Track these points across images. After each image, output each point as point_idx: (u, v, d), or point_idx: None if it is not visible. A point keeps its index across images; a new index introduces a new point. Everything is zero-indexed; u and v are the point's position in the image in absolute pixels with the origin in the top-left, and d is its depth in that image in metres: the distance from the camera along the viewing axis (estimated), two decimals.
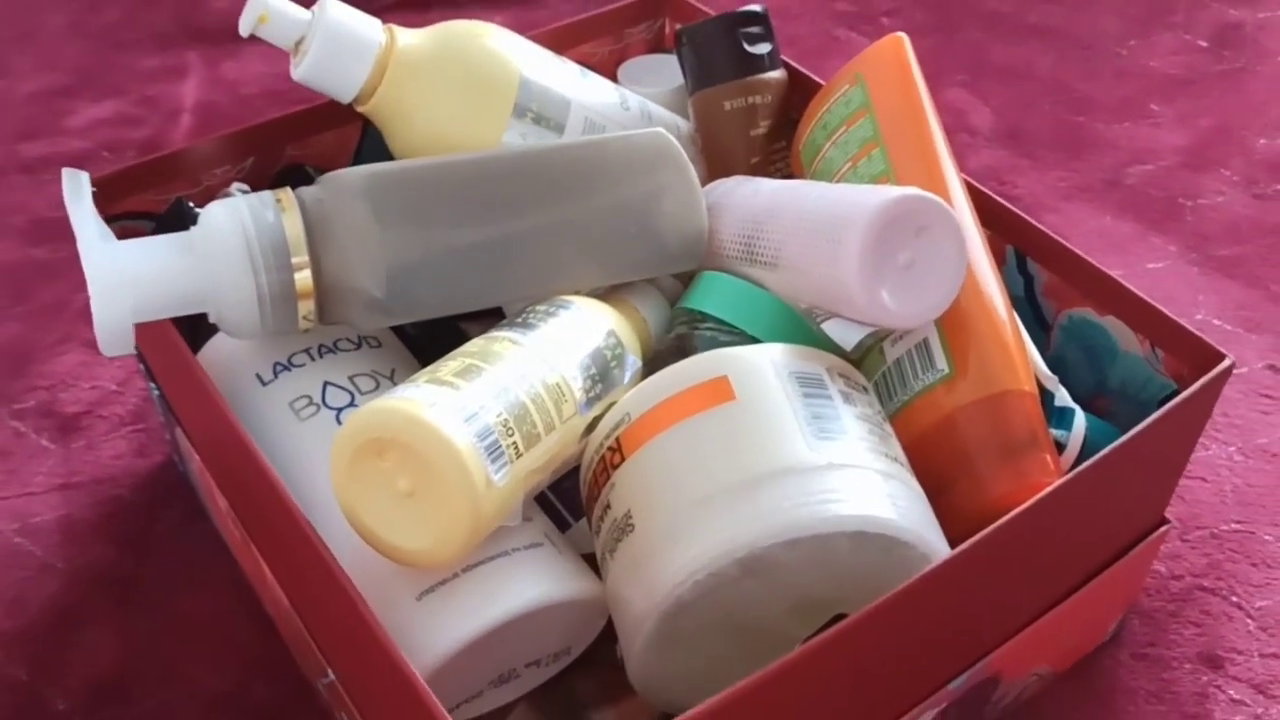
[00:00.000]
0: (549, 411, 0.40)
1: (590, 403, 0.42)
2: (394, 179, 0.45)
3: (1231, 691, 0.53)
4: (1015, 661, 0.48)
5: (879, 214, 0.42)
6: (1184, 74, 0.91)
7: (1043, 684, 0.53)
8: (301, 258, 0.43)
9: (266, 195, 0.44)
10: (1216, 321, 0.71)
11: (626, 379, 0.45)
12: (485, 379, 0.39)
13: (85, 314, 0.72)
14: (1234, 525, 0.60)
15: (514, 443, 0.38)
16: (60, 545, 0.59)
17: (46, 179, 0.82)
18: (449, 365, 0.40)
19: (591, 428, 0.43)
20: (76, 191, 0.43)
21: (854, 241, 0.42)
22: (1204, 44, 0.95)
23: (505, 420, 0.38)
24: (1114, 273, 0.74)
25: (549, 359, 0.42)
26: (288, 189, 0.45)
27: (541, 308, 0.46)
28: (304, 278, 0.43)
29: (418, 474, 0.37)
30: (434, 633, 0.39)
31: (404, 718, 0.37)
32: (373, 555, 0.41)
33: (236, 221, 0.43)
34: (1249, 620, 0.56)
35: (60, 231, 0.78)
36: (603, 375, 0.44)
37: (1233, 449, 0.64)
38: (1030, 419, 0.44)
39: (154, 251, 0.43)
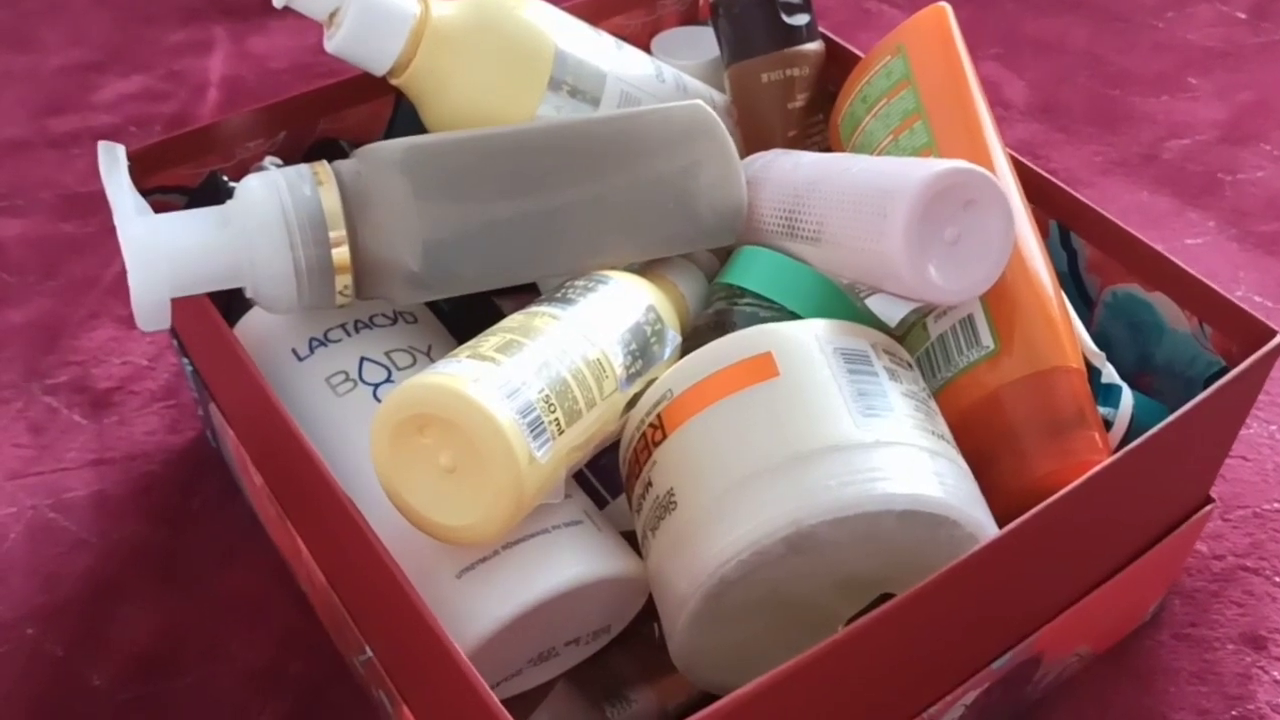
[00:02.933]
0: (590, 387, 0.40)
1: (631, 379, 0.42)
2: (431, 152, 0.44)
3: (1275, 673, 0.52)
4: (1057, 642, 0.47)
5: (926, 187, 0.41)
6: (1222, 46, 0.90)
7: (1083, 664, 0.52)
8: (339, 232, 0.43)
9: (304, 169, 0.44)
10: (1257, 298, 0.70)
11: (666, 355, 0.44)
12: (526, 354, 0.39)
13: (115, 289, 0.72)
14: (1277, 504, 0.59)
15: (556, 419, 0.38)
16: (94, 521, 0.59)
17: (75, 154, 0.82)
18: (489, 340, 0.40)
19: (632, 404, 0.42)
20: (113, 164, 0.42)
21: (900, 215, 0.41)
22: (1242, 16, 0.93)
23: (547, 396, 0.38)
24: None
25: (589, 334, 0.41)
26: (324, 162, 0.44)
27: (580, 283, 0.45)
28: (341, 252, 0.43)
29: (460, 450, 0.37)
30: (475, 611, 0.38)
31: (446, 694, 0.37)
32: (412, 533, 0.40)
33: (274, 195, 0.42)
34: None
35: (89, 206, 0.77)
36: (643, 351, 0.43)
37: (1274, 427, 0.63)
38: (1078, 396, 0.43)
39: (190, 225, 0.42)
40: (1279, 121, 0.83)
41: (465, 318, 0.54)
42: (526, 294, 0.54)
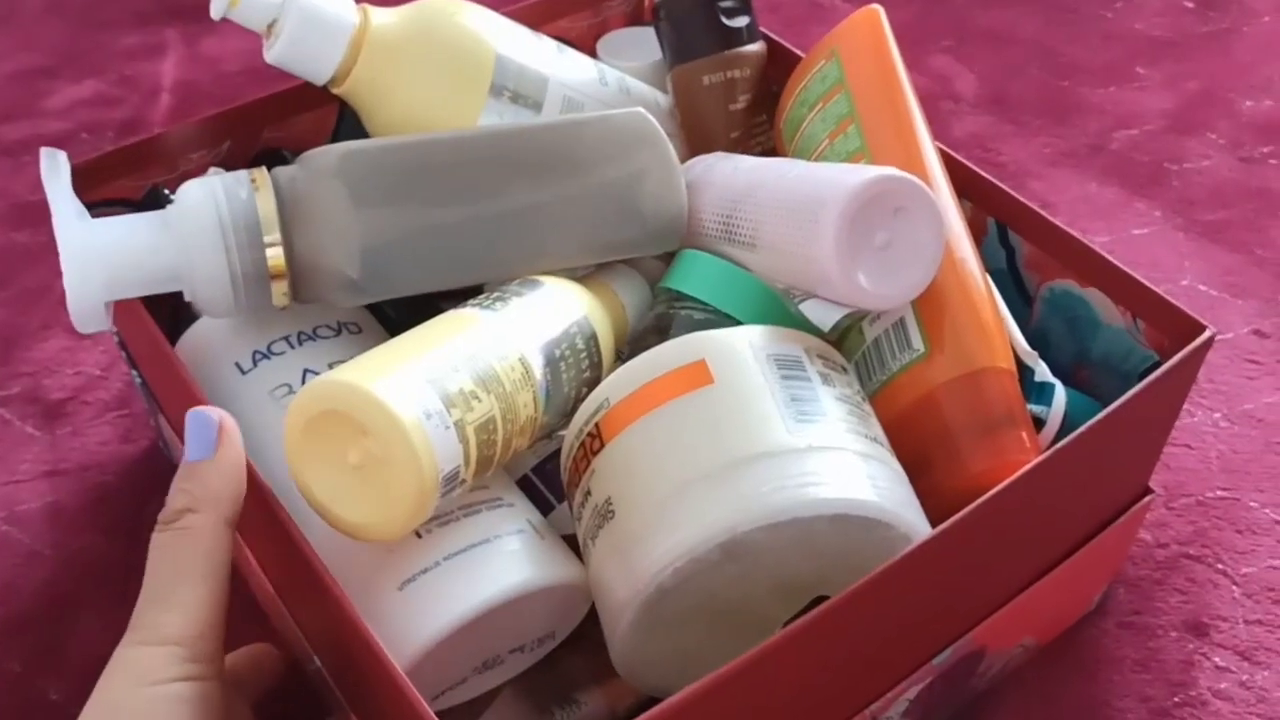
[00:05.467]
0: (506, 392, 0.40)
1: (551, 385, 0.42)
2: (369, 158, 0.45)
3: (1217, 659, 0.53)
4: (1000, 634, 0.48)
5: (855, 195, 0.41)
6: (1170, 36, 0.91)
7: (1028, 654, 0.53)
8: (274, 236, 0.43)
9: (242, 174, 0.44)
10: (1202, 287, 0.71)
11: (591, 365, 0.44)
12: (443, 353, 0.39)
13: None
14: (1219, 492, 0.60)
15: (467, 421, 0.38)
16: (48, 533, 0.59)
17: (26, 161, 0.81)
18: (409, 339, 0.40)
19: (561, 411, 0.43)
20: (54, 170, 0.42)
21: (830, 222, 0.42)
22: (1190, 5, 0.94)
23: (460, 396, 0.38)
24: (1100, 239, 0.74)
25: (511, 337, 0.42)
26: (263, 168, 0.44)
27: (514, 286, 0.46)
28: (275, 254, 0.43)
29: (367, 449, 0.37)
30: (416, 622, 0.39)
31: (386, 706, 0.37)
32: (354, 545, 0.41)
33: (210, 200, 0.43)
34: (1234, 587, 0.56)
35: (41, 215, 0.77)
36: (568, 357, 0.43)
37: (1218, 415, 0.64)
38: (1008, 396, 0.44)
39: (128, 228, 0.43)
40: (1225, 111, 0.84)
41: (413, 324, 0.54)
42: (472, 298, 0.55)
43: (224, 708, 0.37)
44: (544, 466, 0.49)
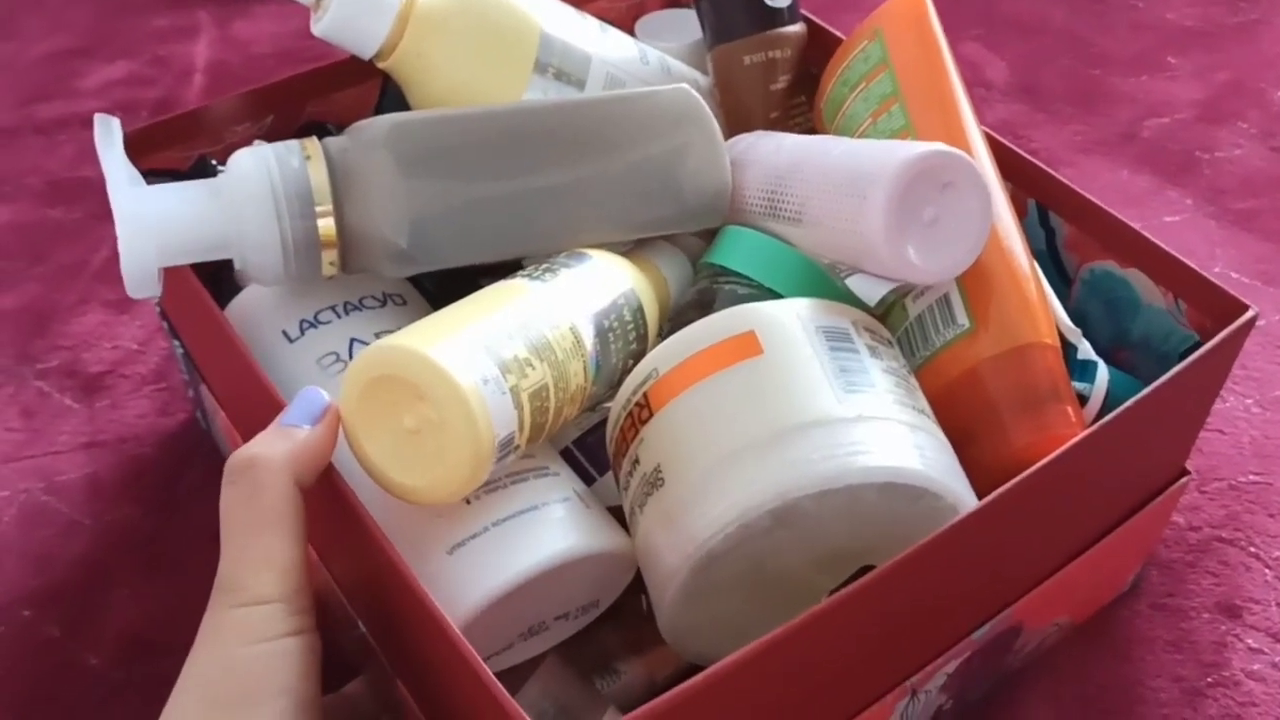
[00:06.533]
0: (558, 360, 0.40)
1: (601, 355, 0.43)
2: (417, 129, 0.45)
3: (1250, 640, 0.54)
4: (1037, 612, 0.48)
5: (904, 170, 0.42)
6: (1200, 26, 0.91)
7: (1063, 633, 0.53)
8: (325, 205, 0.43)
9: (293, 144, 0.44)
10: (1234, 274, 0.71)
11: (638, 337, 0.45)
12: (497, 321, 0.40)
13: (103, 274, 0.72)
14: (1252, 477, 0.60)
15: (521, 386, 0.39)
16: (87, 503, 0.60)
17: (61, 140, 0.82)
18: (464, 307, 0.41)
19: (609, 381, 0.43)
20: (108, 137, 0.43)
21: (879, 197, 0.42)
22: None
23: (515, 363, 0.39)
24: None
25: (562, 307, 0.42)
26: (314, 138, 0.45)
27: (561, 259, 0.46)
28: (327, 225, 0.44)
29: (423, 412, 0.37)
30: (466, 586, 0.39)
31: (439, 668, 0.38)
32: (404, 509, 0.41)
33: (263, 168, 0.43)
34: (1266, 570, 0.56)
35: (76, 192, 0.78)
36: (616, 329, 0.44)
37: (1250, 401, 0.64)
38: (1052, 372, 0.44)
39: (181, 195, 0.43)
40: (1256, 100, 0.84)
41: (452, 298, 0.54)
42: (513, 271, 0.55)
43: (322, 656, 0.37)
44: (585, 440, 0.50)
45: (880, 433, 0.39)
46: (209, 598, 0.37)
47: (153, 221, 0.42)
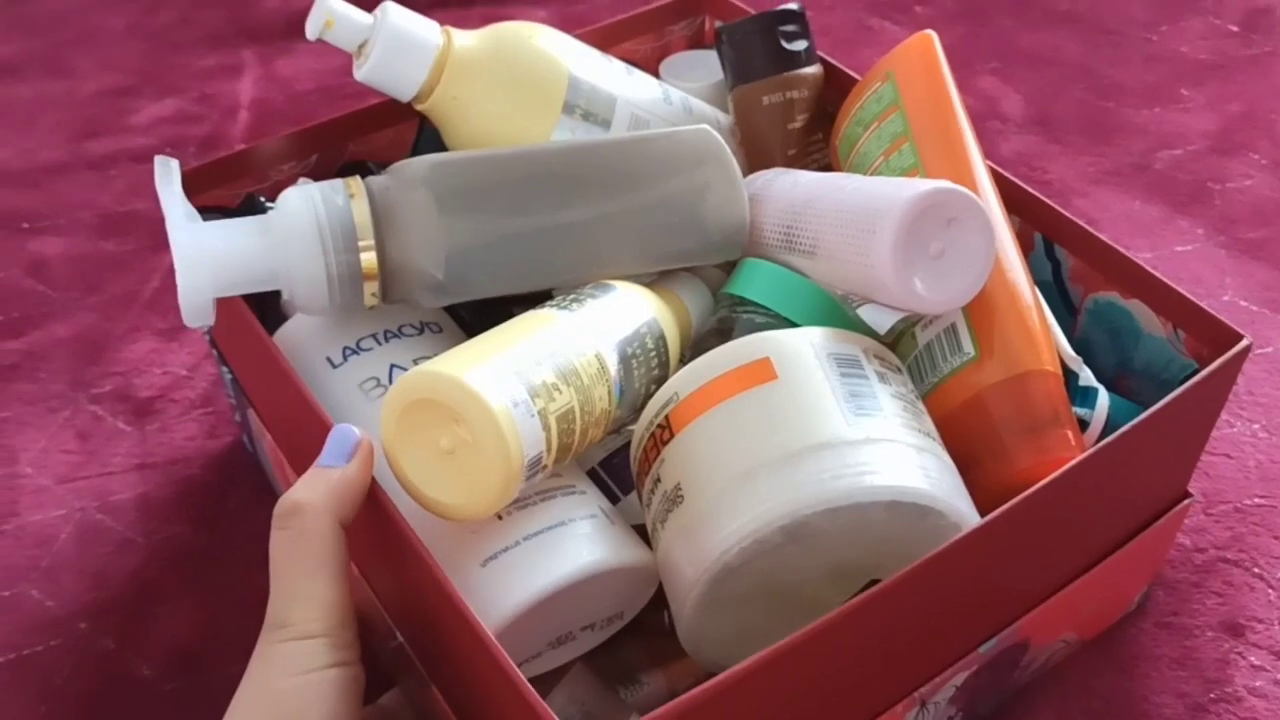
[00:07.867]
0: (584, 385, 0.43)
1: (624, 380, 0.45)
2: (454, 169, 0.48)
3: (1253, 658, 0.55)
4: (1043, 628, 0.50)
5: (911, 206, 0.44)
6: (1213, 59, 0.93)
7: (1069, 650, 0.55)
8: (368, 241, 0.46)
9: (338, 183, 0.47)
10: (1243, 303, 0.73)
11: (660, 363, 0.48)
12: (525, 349, 0.43)
13: (154, 304, 0.75)
14: (1257, 500, 0.62)
15: (546, 410, 0.41)
16: (139, 521, 0.63)
17: (113, 174, 0.86)
18: (497, 336, 0.44)
19: (632, 405, 0.46)
20: (167, 176, 0.46)
21: (888, 232, 0.44)
22: (1234, 28, 0.96)
23: (544, 388, 0.41)
24: (1143, 256, 0.76)
25: (588, 335, 0.45)
26: (358, 178, 0.48)
27: (588, 289, 0.49)
28: (370, 259, 0.47)
29: (458, 434, 0.40)
30: (499, 596, 0.42)
31: (473, 673, 0.40)
32: (438, 525, 0.44)
33: (310, 206, 0.46)
34: (1270, 590, 0.58)
35: (128, 225, 0.81)
36: (639, 355, 0.46)
37: (1257, 426, 0.66)
38: (1053, 397, 0.46)
39: (234, 231, 0.46)
40: (1267, 131, 0.86)
41: (485, 326, 0.57)
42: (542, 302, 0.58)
43: (364, 687, 0.40)
44: (610, 461, 0.52)
45: (887, 454, 0.41)
46: (251, 611, 0.39)
47: (208, 256, 0.45)
